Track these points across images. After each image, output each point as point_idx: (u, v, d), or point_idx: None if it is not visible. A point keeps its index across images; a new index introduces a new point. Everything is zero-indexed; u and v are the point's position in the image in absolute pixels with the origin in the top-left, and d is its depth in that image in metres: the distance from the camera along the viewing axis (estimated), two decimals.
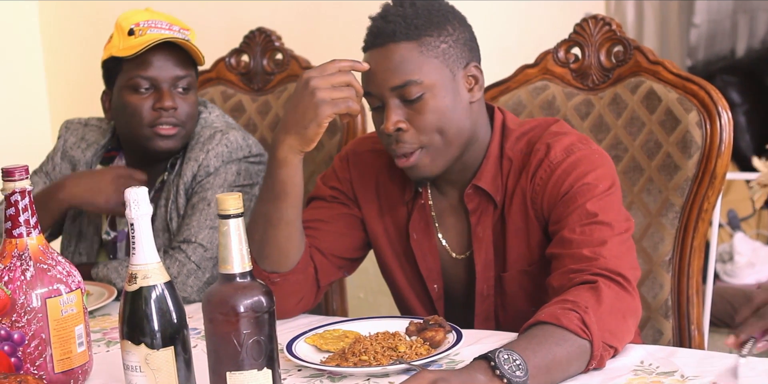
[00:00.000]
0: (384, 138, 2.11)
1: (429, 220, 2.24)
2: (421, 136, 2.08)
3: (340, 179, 2.32)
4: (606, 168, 2.11)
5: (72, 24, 3.81)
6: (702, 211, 2.38)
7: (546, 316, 1.85)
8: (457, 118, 2.10)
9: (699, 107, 2.39)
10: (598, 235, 2.00)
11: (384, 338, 1.96)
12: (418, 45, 2.05)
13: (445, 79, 2.08)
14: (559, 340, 1.80)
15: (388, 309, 3.22)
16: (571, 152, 2.11)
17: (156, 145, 2.51)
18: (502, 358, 1.70)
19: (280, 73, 2.98)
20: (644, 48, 2.50)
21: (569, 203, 2.06)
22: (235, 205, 1.64)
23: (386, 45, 2.06)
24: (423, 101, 2.06)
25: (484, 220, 2.18)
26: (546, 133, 2.15)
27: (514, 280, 2.17)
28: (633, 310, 1.95)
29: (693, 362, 1.84)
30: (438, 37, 2.07)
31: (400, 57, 2.05)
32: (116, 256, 2.61)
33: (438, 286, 2.26)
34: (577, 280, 1.94)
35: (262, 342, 1.65)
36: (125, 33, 2.50)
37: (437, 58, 2.07)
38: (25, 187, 1.84)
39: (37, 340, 1.83)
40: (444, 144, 2.10)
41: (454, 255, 2.24)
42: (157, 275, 1.73)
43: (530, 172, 2.12)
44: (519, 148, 2.16)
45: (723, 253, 4.55)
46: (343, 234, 2.29)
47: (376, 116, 2.12)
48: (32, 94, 3.91)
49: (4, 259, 1.85)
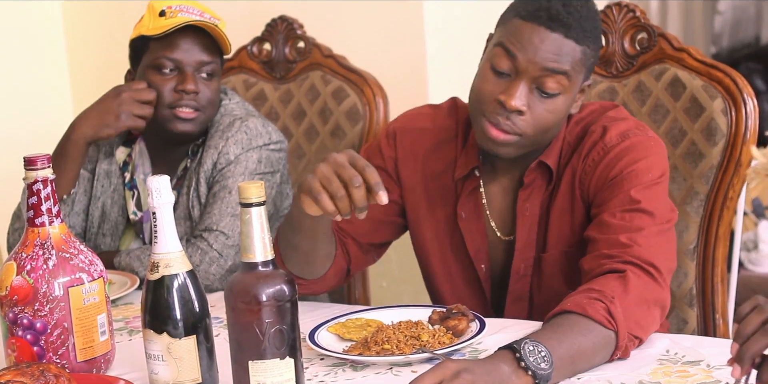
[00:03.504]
0: (491, 104, 2.06)
1: (479, 199, 2.22)
2: (530, 126, 2.05)
3: (384, 157, 2.29)
4: (659, 157, 2.10)
5: (95, 15, 3.82)
6: (727, 199, 2.36)
7: (572, 305, 1.84)
8: (560, 124, 2.11)
9: (724, 94, 2.37)
10: (638, 222, 2.00)
11: (407, 327, 1.95)
12: (581, 51, 2.04)
13: (576, 89, 2.09)
14: (584, 330, 1.79)
15: (410, 298, 3.21)
16: (626, 137, 2.10)
17: (174, 126, 2.51)
18: (528, 349, 1.70)
19: (302, 62, 2.97)
20: (669, 35, 2.48)
21: (615, 188, 2.06)
22: (257, 193, 1.63)
23: (556, 32, 2.02)
24: (554, 100, 2.05)
25: (534, 197, 2.17)
26: (603, 117, 2.15)
27: (554, 261, 2.17)
28: (660, 301, 1.94)
29: (719, 352, 1.82)
30: (592, 50, 2.07)
31: (564, 51, 2.03)
32: (144, 236, 2.62)
33: (485, 267, 2.25)
34: (607, 267, 1.94)
35: (285, 331, 1.64)
36: (156, 13, 2.51)
37: (584, 68, 2.07)
38: (47, 175, 1.84)
39: (59, 329, 1.84)
40: (537, 141, 2.09)
41: (499, 234, 2.23)
42: (179, 264, 1.73)
43: (583, 153, 2.12)
44: (576, 132, 2.16)
45: (747, 242, 4.53)
46: (381, 221, 2.27)
47: (494, 79, 2.06)
48: (55, 83, 3.91)
49: (27, 248, 1.85)
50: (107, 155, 2.62)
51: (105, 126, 2.51)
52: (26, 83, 3.81)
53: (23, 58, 3.80)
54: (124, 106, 2.50)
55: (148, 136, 2.64)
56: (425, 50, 3.16)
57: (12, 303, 1.84)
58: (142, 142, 2.64)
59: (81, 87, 3.89)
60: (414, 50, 3.19)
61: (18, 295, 1.83)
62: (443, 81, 3.23)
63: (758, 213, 4.66)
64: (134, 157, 2.64)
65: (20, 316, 1.83)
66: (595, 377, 1.77)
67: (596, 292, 1.86)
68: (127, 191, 2.63)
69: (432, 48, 3.20)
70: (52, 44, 3.88)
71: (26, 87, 3.81)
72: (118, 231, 2.64)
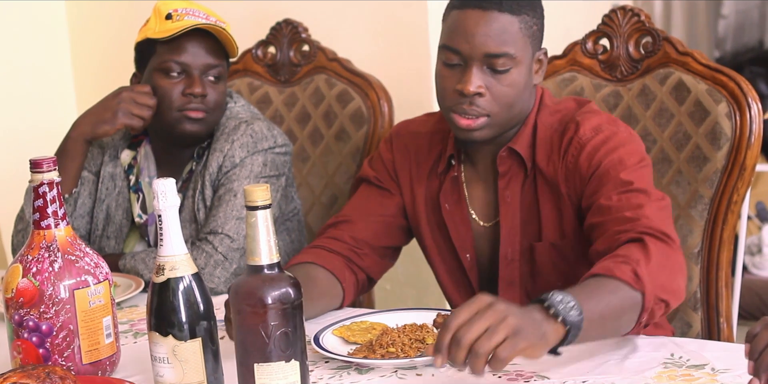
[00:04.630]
0: (453, 97, 2.13)
1: (461, 190, 2.28)
2: (494, 105, 2.11)
3: (384, 160, 2.38)
4: (634, 145, 2.15)
5: (99, 16, 3.82)
6: (731, 203, 2.36)
7: (598, 269, 1.86)
8: (524, 97, 2.16)
9: (728, 98, 2.38)
10: (635, 200, 2.03)
11: (411, 330, 1.95)
12: (519, 21, 2.09)
13: (528, 59, 2.13)
14: (613, 288, 1.82)
15: (414, 301, 3.22)
16: (599, 131, 2.15)
17: (183, 128, 2.52)
18: (556, 299, 1.71)
19: (307, 65, 2.98)
20: (673, 39, 2.48)
21: (602, 177, 2.10)
22: (263, 196, 1.63)
23: (490, 11, 2.08)
24: (508, 74, 2.10)
25: (512, 185, 2.21)
26: (576, 113, 2.20)
27: (546, 250, 2.20)
28: (680, 267, 1.96)
29: (724, 356, 1.83)
30: (532, 18, 2.11)
31: (502, 27, 2.08)
32: (149, 239, 2.62)
33: (470, 256, 2.29)
34: (624, 238, 1.96)
35: (290, 334, 1.65)
36: (163, 16, 2.52)
37: (528, 38, 2.11)
38: (53, 178, 1.84)
39: (65, 331, 1.84)
40: (507, 117, 2.15)
41: (482, 223, 2.27)
42: (184, 266, 1.73)
43: (562, 150, 2.17)
44: (550, 123, 2.21)
45: (751, 246, 4.53)
46: (390, 223, 2.34)
47: (448, 72, 2.14)
48: (59, 85, 3.91)
49: (33, 250, 1.85)
50: (112, 158, 2.62)
51: (102, 123, 2.52)
52: (30, 83, 3.81)
53: (27, 58, 3.79)
54: (123, 104, 2.51)
55: (153, 139, 2.64)
56: (429, 54, 3.16)
57: (18, 305, 1.84)
58: (147, 144, 2.65)
59: (85, 87, 3.88)
60: (418, 54, 3.19)
61: (24, 298, 1.83)
62: None
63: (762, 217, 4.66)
64: (139, 160, 2.64)
65: (26, 318, 1.84)
66: (600, 380, 1.77)
67: (621, 257, 1.88)
68: (132, 194, 2.63)
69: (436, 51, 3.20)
70: (56, 43, 3.87)
71: (30, 87, 3.81)
72: (123, 234, 2.64)
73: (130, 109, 2.50)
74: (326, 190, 2.92)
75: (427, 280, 3.22)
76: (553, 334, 1.69)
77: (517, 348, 1.63)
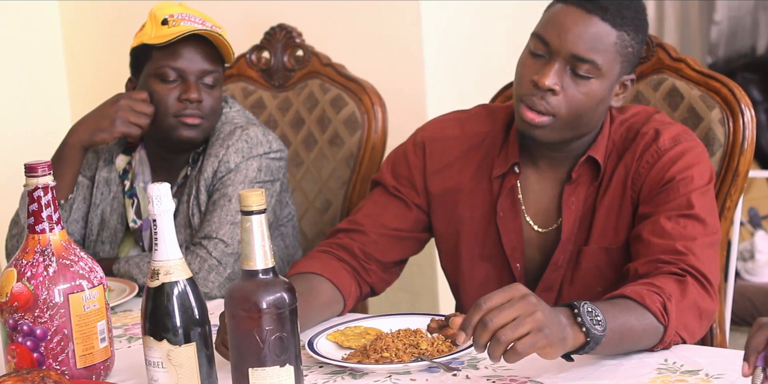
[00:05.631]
0: (527, 86, 2.09)
1: (516, 196, 2.24)
2: (564, 107, 2.07)
3: (410, 165, 2.31)
4: (708, 163, 2.15)
5: (93, 20, 3.82)
6: (724, 209, 2.36)
7: (631, 292, 1.89)
8: (596, 111, 2.12)
9: (722, 104, 2.38)
10: (691, 230, 2.03)
11: (405, 335, 1.96)
12: (617, 36, 2.06)
13: (614, 76, 2.10)
14: (639, 315, 1.85)
15: (408, 306, 3.22)
16: (678, 142, 2.13)
17: (180, 134, 2.52)
18: (586, 309, 1.75)
19: (301, 70, 2.98)
20: (666, 45, 2.48)
21: (670, 191, 2.08)
22: (258, 201, 1.63)
23: (592, 14, 2.05)
24: (589, 83, 2.07)
25: (578, 191, 2.19)
26: (651, 120, 2.18)
27: (593, 255, 2.18)
28: (710, 314, 1.98)
29: (717, 361, 1.84)
30: (632, 39, 2.08)
31: (598, 34, 2.05)
32: (144, 244, 2.62)
33: (520, 266, 2.25)
34: (665, 269, 1.97)
35: (285, 338, 1.65)
36: (158, 22, 2.51)
37: (621, 55, 2.08)
38: (48, 182, 1.84)
39: (59, 335, 1.84)
40: (571, 125, 2.10)
41: (536, 228, 2.23)
42: (179, 271, 1.73)
43: (637, 153, 2.14)
44: (620, 132, 2.18)
45: (744, 252, 4.54)
46: (404, 238, 2.30)
47: (531, 61, 2.11)
48: (53, 89, 3.91)
49: (27, 254, 1.85)
50: (107, 163, 2.62)
51: (100, 130, 2.52)
52: (23, 86, 3.80)
53: (20, 60, 3.78)
54: (121, 113, 2.51)
55: (148, 144, 2.64)
56: (423, 59, 3.17)
57: (12, 309, 1.84)
58: (142, 150, 2.65)
59: (78, 90, 3.88)
60: (412, 59, 3.19)
61: (18, 302, 1.83)
62: (441, 90, 3.24)
63: (754, 223, 4.67)
64: (134, 165, 2.64)
65: (20, 322, 1.84)
66: None
67: (656, 287, 1.90)
68: (126, 199, 2.63)
69: (430, 57, 3.21)
70: (49, 45, 3.87)
71: (23, 90, 3.80)
72: (117, 239, 2.64)
73: (128, 117, 2.51)
74: (320, 195, 2.93)
75: (420, 285, 3.23)
76: (573, 341, 1.74)
77: (537, 345, 1.68)
